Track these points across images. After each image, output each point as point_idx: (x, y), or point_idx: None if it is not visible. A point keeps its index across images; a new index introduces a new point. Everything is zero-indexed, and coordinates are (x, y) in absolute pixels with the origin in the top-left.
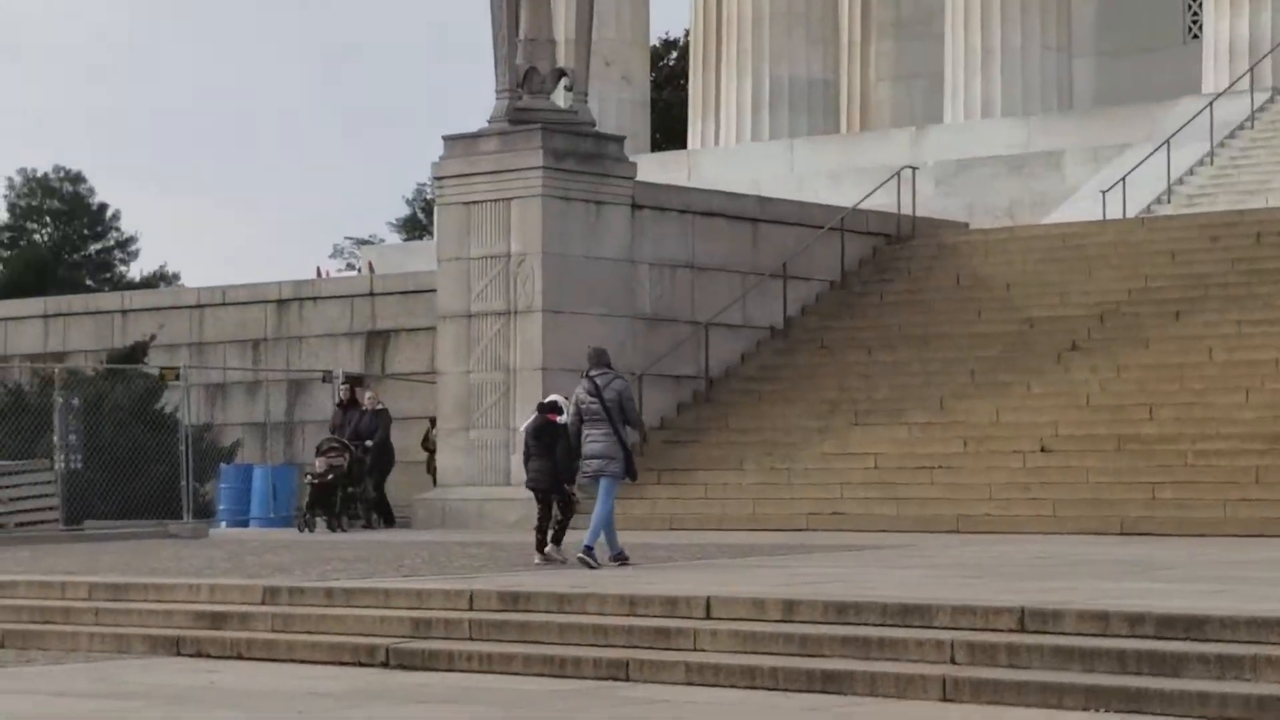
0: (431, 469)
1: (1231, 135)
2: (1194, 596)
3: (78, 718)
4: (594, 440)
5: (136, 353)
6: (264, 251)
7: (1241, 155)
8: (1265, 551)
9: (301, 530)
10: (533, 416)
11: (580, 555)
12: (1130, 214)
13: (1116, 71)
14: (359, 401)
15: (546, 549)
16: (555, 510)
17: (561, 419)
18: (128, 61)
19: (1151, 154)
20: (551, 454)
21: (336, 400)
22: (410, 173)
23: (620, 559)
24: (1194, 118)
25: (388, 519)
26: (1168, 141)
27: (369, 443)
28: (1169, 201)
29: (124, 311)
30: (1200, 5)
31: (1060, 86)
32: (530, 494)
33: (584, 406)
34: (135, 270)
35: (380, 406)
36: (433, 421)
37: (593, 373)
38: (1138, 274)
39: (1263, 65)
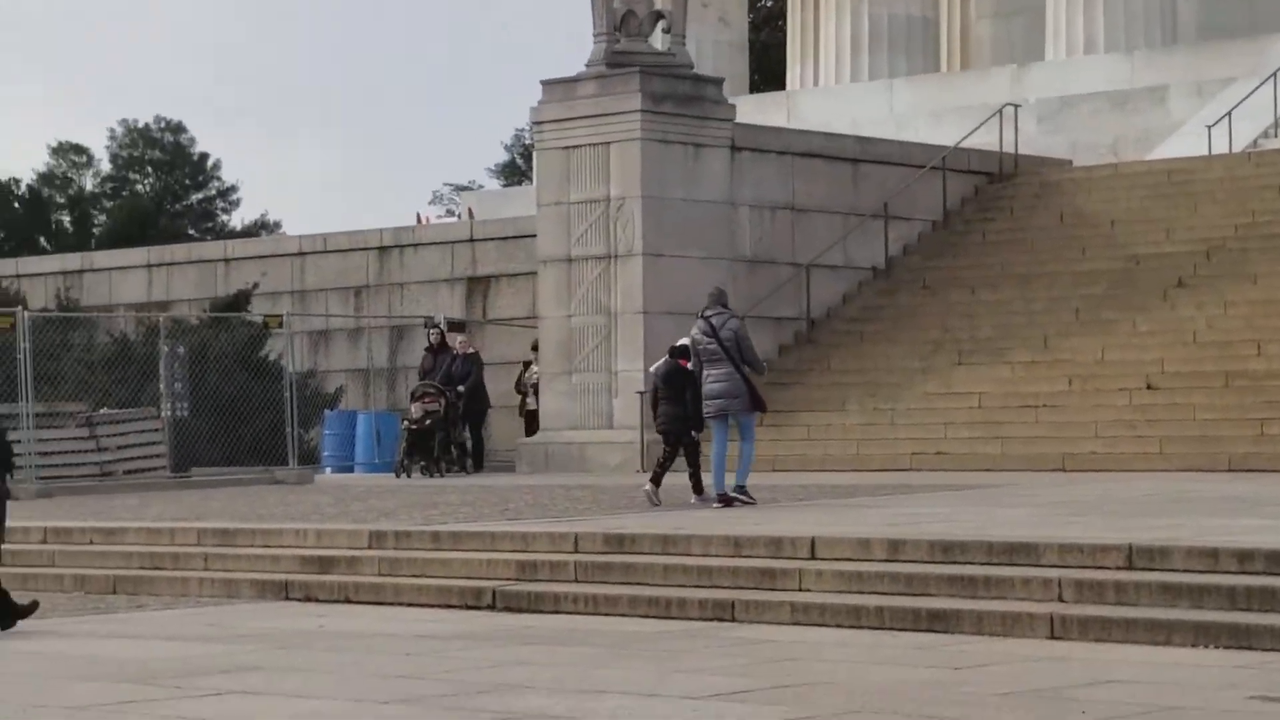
0: (524, 412)
1: None
2: None
3: (190, 661)
4: (715, 380)
5: (240, 301)
6: (364, 199)
7: None
8: None
9: (399, 476)
10: (662, 360)
11: (733, 493)
12: (1236, 148)
13: (1221, 3)
14: (449, 346)
15: (693, 500)
16: (683, 457)
17: (692, 365)
18: (230, 9)
19: (1258, 87)
20: (682, 399)
21: (426, 345)
22: (509, 118)
23: (725, 500)
24: None
25: (478, 463)
26: (1275, 74)
27: (460, 388)
28: (1276, 135)
29: (226, 260)
30: None
31: (1164, 20)
32: (646, 438)
33: (701, 348)
34: (236, 219)
35: (471, 350)
36: (525, 365)
37: (708, 313)
38: (1244, 209)
39: None
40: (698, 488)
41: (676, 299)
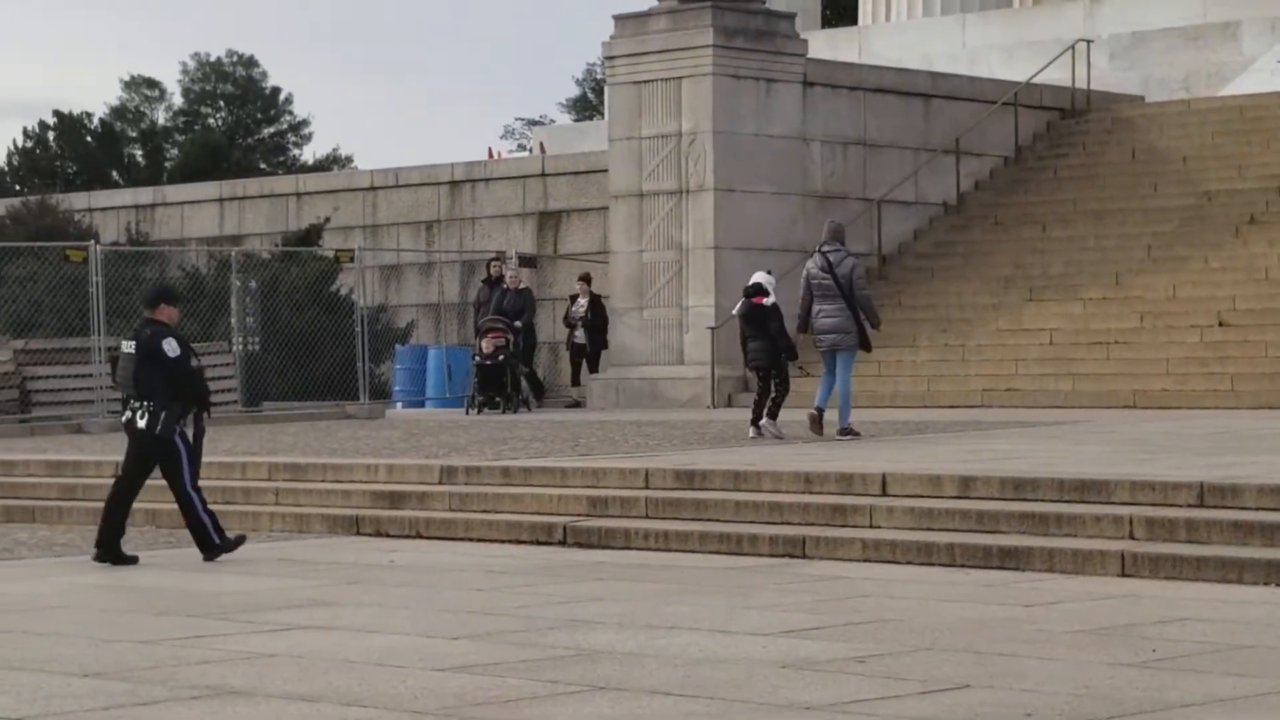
0: (570, 345)
1: None
2: None
3: (260, 596)
4: (828, 315)
5: (311, 235)
6: (436, 134)
7: None
8: None
9: (469, 412)
10: (740, 302)
11: (839, 436)
12: None
13: None
14: (503, 279)
15: (762, 423)
16: (772, 387)
17: (768, 300)
18: None
19: None
20: (766, 334)
21: (485, 277)
22: (580, 52)
23: (847, 433)
24: None
25: (539, 396)
26: None
27: (517, 323)
28: None
29: (298, 195)
30: None
31: None
32: (749, 373)
33: (815, 282)
34: (308, 153)
35: (524, 285)
36: (572, 298)
37: (825, 248)
38: None
39: None
40: (773, 414)
41: (748, 234)
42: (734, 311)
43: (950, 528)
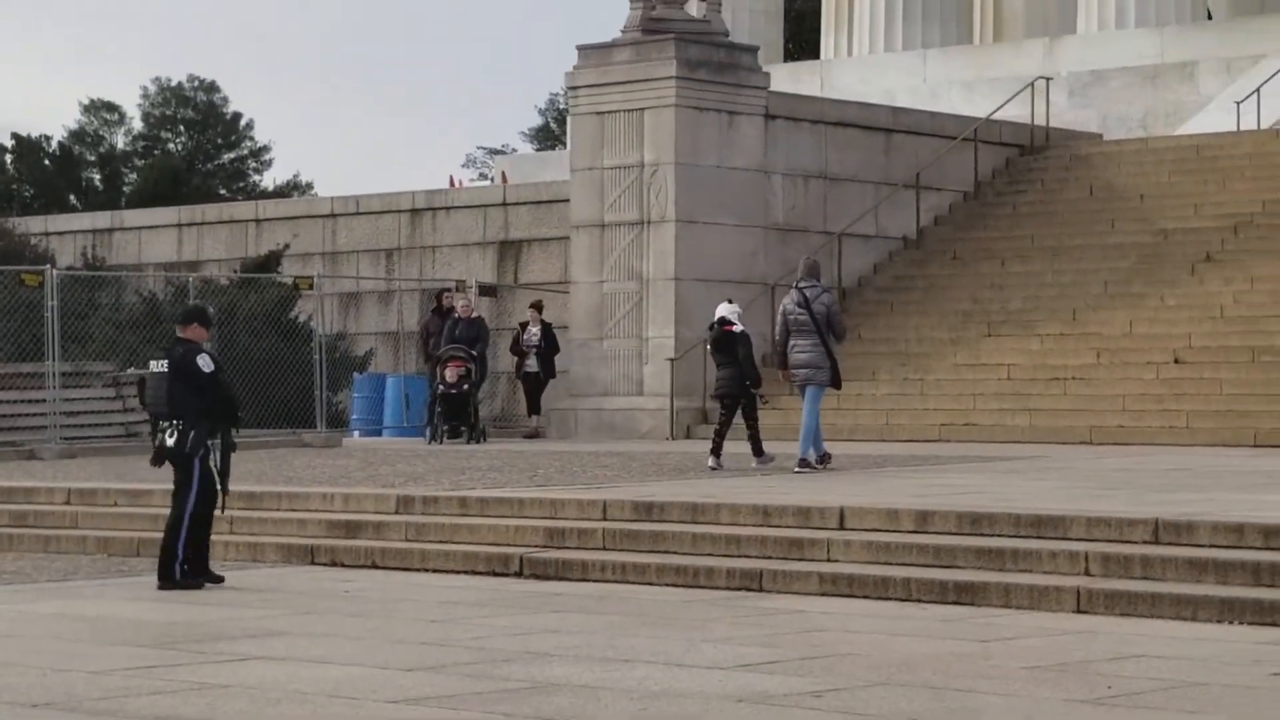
0: (520, 374)
1: None
2: None
3: (214, 626)
4: (802, 350)
5: (270, 262)
6: (397, 161)
7: None
8: None
9: (431, 442)
10: (711, 332)
11: (796, 469)
12: (1265, 125)
13: None
14: (454, 309)
15: (753, 465)
16: (745, 424)
17: (737, 328)
18: None
19: None
20: (735, 361)
21: (434, 307)
22: (543, 82)
23: (825, 459)
24: None
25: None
26: None
27: (473, 352)
28: None
29: (257, 220)
30: None
31: None
32: (715, 400)
33: (791, 318)
34: (268, 179)
35: (475, 314)
36: (522, 326)
37: (802, 284)
38: (1272, 185)
39: None
40: (757, 450)
41: (709, 266)
42: (705, 340)
43: (907, 562)
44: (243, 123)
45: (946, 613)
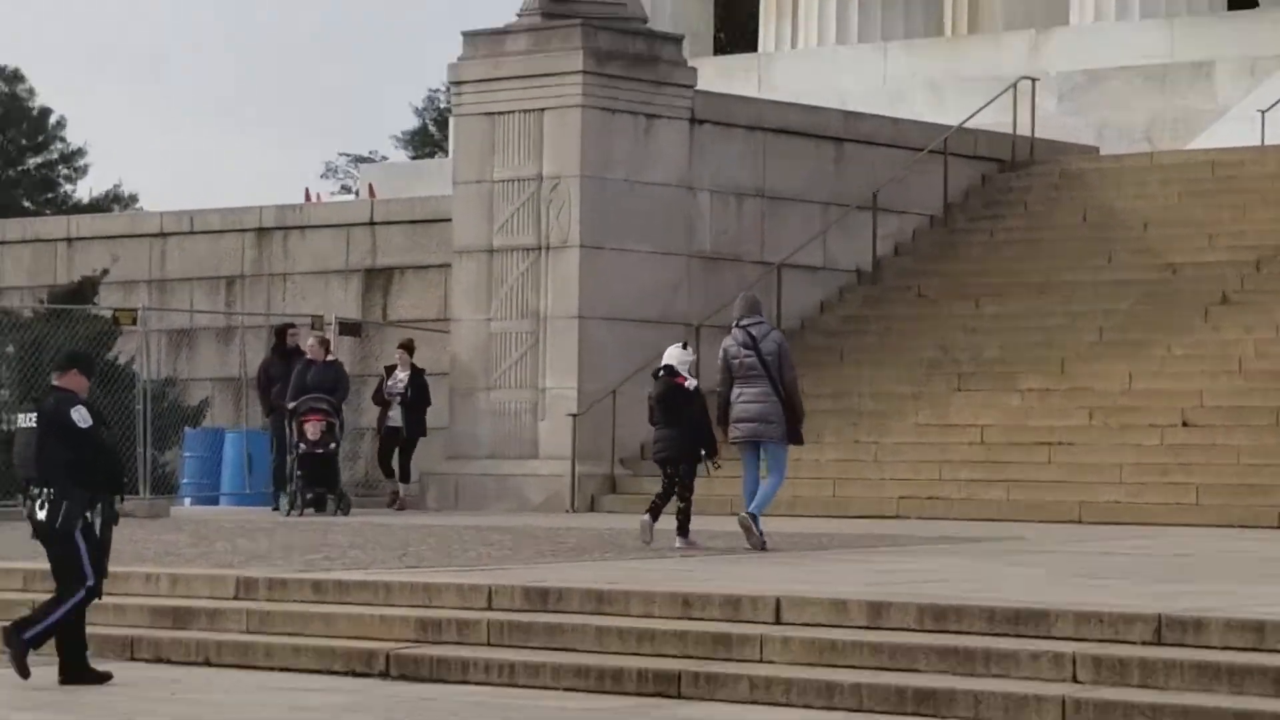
0: (383, 430)
1: None
2: None
3: None
4: (750, 400)
5: (85, 290)
6: (241, 171)
7: None
8: None
9: (289, 513)
10: (657, 382)
11: (764, 545)
12: None
13: None
14: (301, 349)
15: (675, 545)
16: (675, 493)
17: (689, 383)
18: None
19: None
20: (680, 421)
21: (274, 345)
22: (421, 77)
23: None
24: None
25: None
26: None
27: (335, 403)
28: None
29: (69, 240)
30: None
31: None
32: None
33: (736, 361)
34: (83, 190)
35: (333, 357)
36: (388, 370)
37: (745, 322)
38: None
39: None
40: (683, 529)
41: (620, 302)
42: (646, 393)
43: (857, 664)
44: (53, 120)
45: None
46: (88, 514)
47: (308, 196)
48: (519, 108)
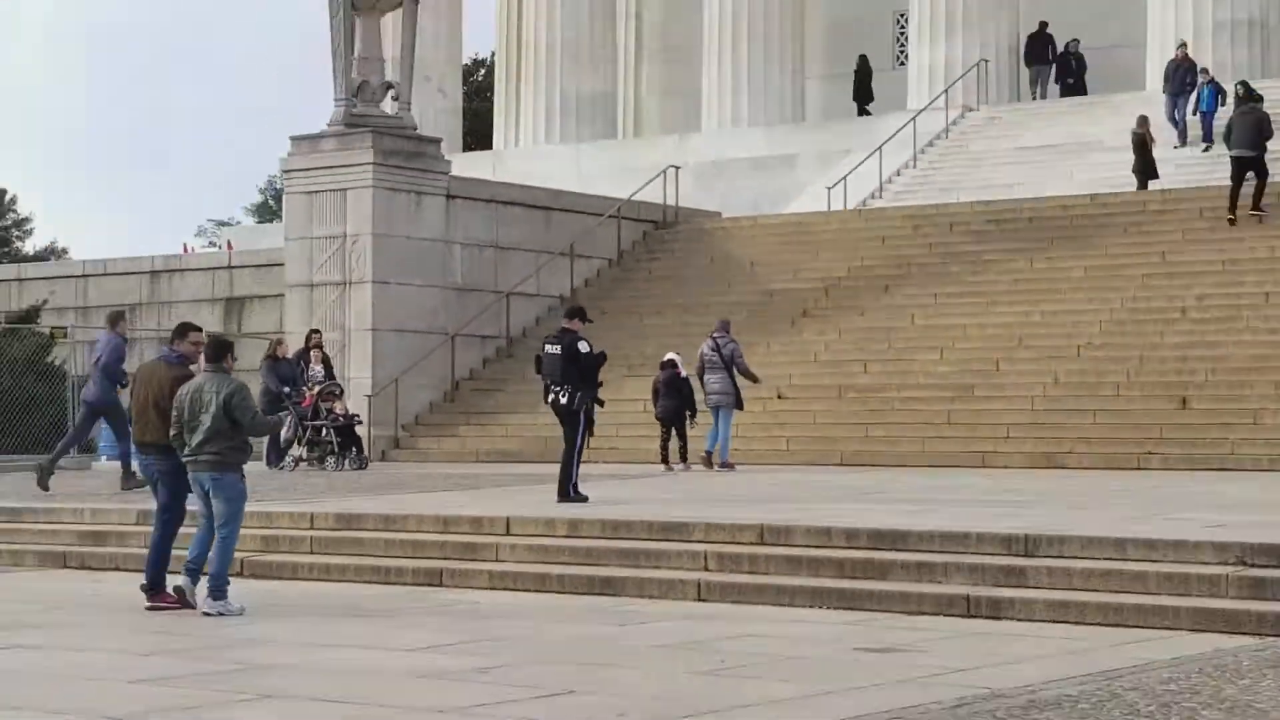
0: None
1: (930, 144)
2: (899, 515)
3: None
4: (714, 383)
5: (31, 314)
6: (139, 230)
7: (939, 160)
8: (954, 479)
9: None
10: (663, 372)
11: (718, 468)
12: (850, 206)
13: (839, 91)
14: (284, 356)
15: (675, 466)
16: (676, 436)
17: (684, 372)
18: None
19: (867, 158)
20: (680, 395)
21: (269, 354)
22: (262, 166)
23: (726, 466)
24: (901, 129)
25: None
26: (880, 149)
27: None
28: (880, 196)
29: (20, 280)
30: (907, 37)
31: (795, 103)
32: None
33: (707, 359)
34: (29, 245)
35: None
36: (301, 359)
37: (715, 335)
38: (855, 255)
39: (955, 88)
40: (684, 456)
41: (400, 318)
42: (654, 379)
43: (562, 561)
44: (7, 198)
45: (594, 603)
46: (588, 399)
47: (185, 249)
48: (330, 188)
